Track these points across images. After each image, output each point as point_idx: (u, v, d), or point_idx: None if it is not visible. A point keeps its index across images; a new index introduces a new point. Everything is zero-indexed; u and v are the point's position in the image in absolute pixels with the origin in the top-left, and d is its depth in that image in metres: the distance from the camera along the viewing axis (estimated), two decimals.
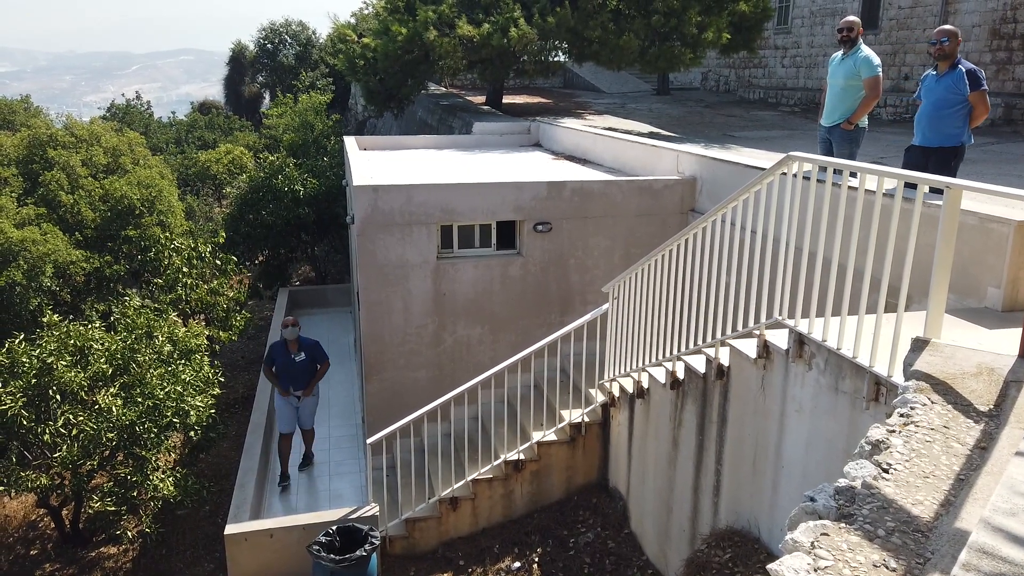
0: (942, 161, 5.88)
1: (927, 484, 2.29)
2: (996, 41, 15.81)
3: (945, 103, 5.86)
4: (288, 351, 8.68)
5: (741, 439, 5.10)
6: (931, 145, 5.97)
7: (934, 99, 5.94)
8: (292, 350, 8.68)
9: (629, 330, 6.86)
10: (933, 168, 5.83)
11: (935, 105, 5.92)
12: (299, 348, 8.70)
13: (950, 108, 5.85)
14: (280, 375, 8.71)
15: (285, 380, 8.72)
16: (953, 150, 5.91)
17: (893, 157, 11.09)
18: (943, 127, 5.89)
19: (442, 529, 7.64)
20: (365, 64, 16.13)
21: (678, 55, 14.98)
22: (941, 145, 5.92)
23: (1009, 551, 1.54)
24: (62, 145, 14.26)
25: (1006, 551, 1.54)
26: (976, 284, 4.80)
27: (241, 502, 7.76)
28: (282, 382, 8.72)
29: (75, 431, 7.98)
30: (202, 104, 37.27)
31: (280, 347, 8.76)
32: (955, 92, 5.80)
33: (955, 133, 5.88)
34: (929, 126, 5.97)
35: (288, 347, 8.68)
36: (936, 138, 5.94)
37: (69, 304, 12.70)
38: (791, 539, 2.11)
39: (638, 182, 9.12)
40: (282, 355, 8.70)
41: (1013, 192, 3.01)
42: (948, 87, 5.83)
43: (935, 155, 5.93)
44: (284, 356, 8.69)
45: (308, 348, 8.74)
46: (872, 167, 3.88)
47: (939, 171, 5.82)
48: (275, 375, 8.75)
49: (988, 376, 2.99)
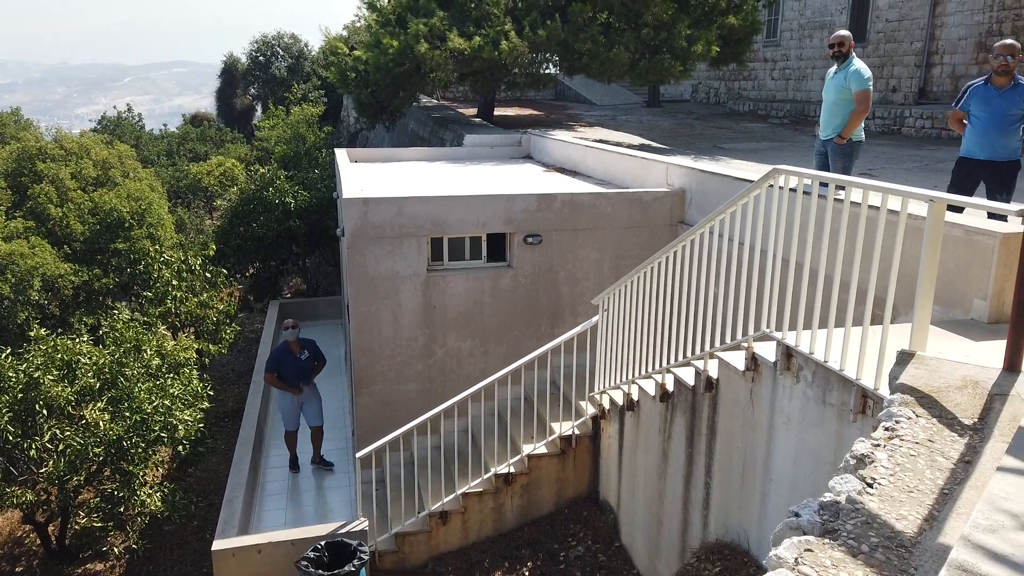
0: (1009, 174, 5.99)
1: (911, 499, 2.28)
2: (982, 54, 15.96)
3: (1011, 118, 5.94)
4: (292, 352, 9.01)
5: (730, 452, 5.09)
6: (997, 159, 6.03)
7: (1000, 113, 5.98)
8: (296, 351, 9.03)
9: (619, 342, 6.85)
10: (992, 181, 5.94)
11: (1001, 119, 5.98)
12: (301, 348, 9.07)
13: (1015, 123, 5.95)
14: (287, 377, 8.98)
15: (294, 380, 9.01)
16: (1016, 164, 6.03)
17: (881, 169, 11.15)
18: (1009, 141, 6.00)
19: (432, 543, 7.59)
20: (357, 76, 16.15)
21: (668, 68, 15.06)
22: (1008, 159, 6.02)
23: (989, 568, 1.53)
24: (51, 158, 14.21)
25: (986, 569, 1.53)
26: (962, 296, 4.81)
27: (229, 517, 7.69)
28: (291, 383, 8.99)
29: (62, 446, 7.91)
30: (194, 116, 37.27)
31: (284, 351, 9.03)
32: (1019, 107, 5.89)
33: (1017, 147, 6.00)
34: (996, 140, 6.01)
35: (292, 348, 9.01)
36: (1003, 152, 6.02)
37: (57, 318, 12.63)
38: (775, 555, 2.09)
39: (627, 194, 9.14)
40: (289, 357, 8.99)
41: (1003, 207, 3.03)
42: (1014, 102, 5.90)
43: (1000, 168, 6.02)
44: (290, 357, 8.99)
45: (308, 346, 9.16)
46: (856, 180, 3.89)
47: (1001, 184, 5.96)
48: (282, 378, 8.98)
49: (973, 389, 2.99)
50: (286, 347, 9.03)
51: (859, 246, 3.76)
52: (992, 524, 1.71)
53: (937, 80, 17.25)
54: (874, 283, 3.69)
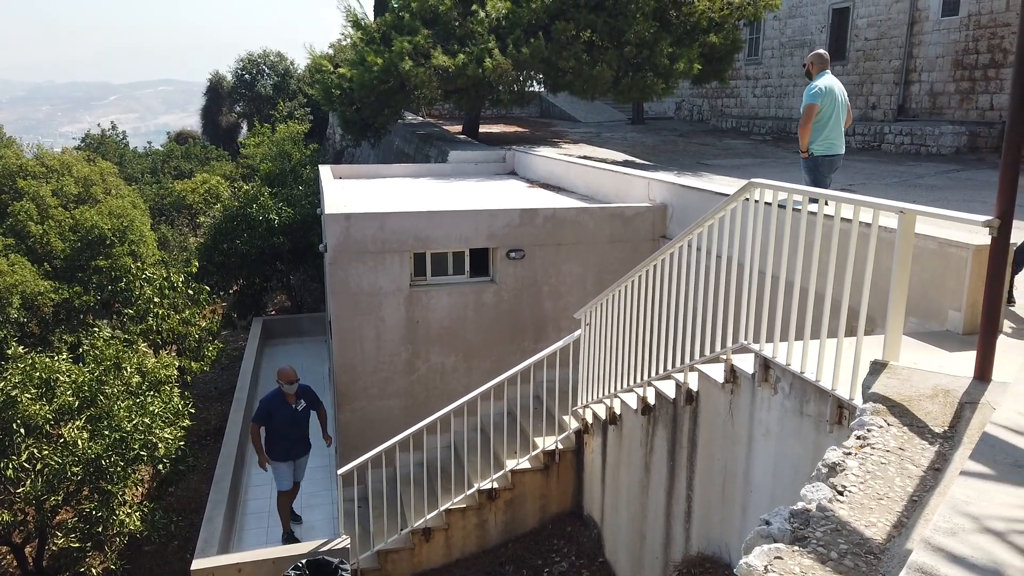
0: None
1: (881, 506, 2.30)
2: (959, 71, 16.24)
3: None
4: (287, 402, 7.88)
5: (710, 464, 5.10)
6: None
7: None
8: (291, 401, 7.91)
9: (601, 356, 6.86)
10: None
11: None
12: (297, 397, 7.94)
13: None
14: (277, 429, 7.86)
15: (283, 436, 7.89)
16: None
17: (861, 184, 11.27)
18: None
19: (415, 561, 7.52)
20: (341, 94, 16.20)
21: (650, 85, 15.21)
22: None
23: (947, 570, 1.54)
24: (32, 175, 14.14)
25: (944, 570, 1.54)
26: (937, 308, 4.86)
27: (209, 536, 7.59)
28: (280, 439, 7.88)
29: (39, 465, 7.80)
30: (179, 134, 37.21)
31: (276, 399, 7.87)
32: None
33: None
34: None
35: (287, 399, 7.89)
36: None
37: (37, 336, 12.50)
38: (745, 563, 2.10)
39: (610, 209, 9.20)
40: (281, 407, 7.85)
41: (964, 216, 3.08)
42: None
43: None
44: (283, 408, 7.85)
45: (305, 394, 8.02)
46: (827, 192, 3.94)
47: None
48: (264, 435, 7.89)
49: (944, 398, 3.02)
50: (280, 396, 7.84)
51: (832, 258, 3.80)
52: (952, 527, 1.73)
53: (916, 97, 17.51)
54: (848, 294, 3.72)
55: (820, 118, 6.87)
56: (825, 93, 6.87)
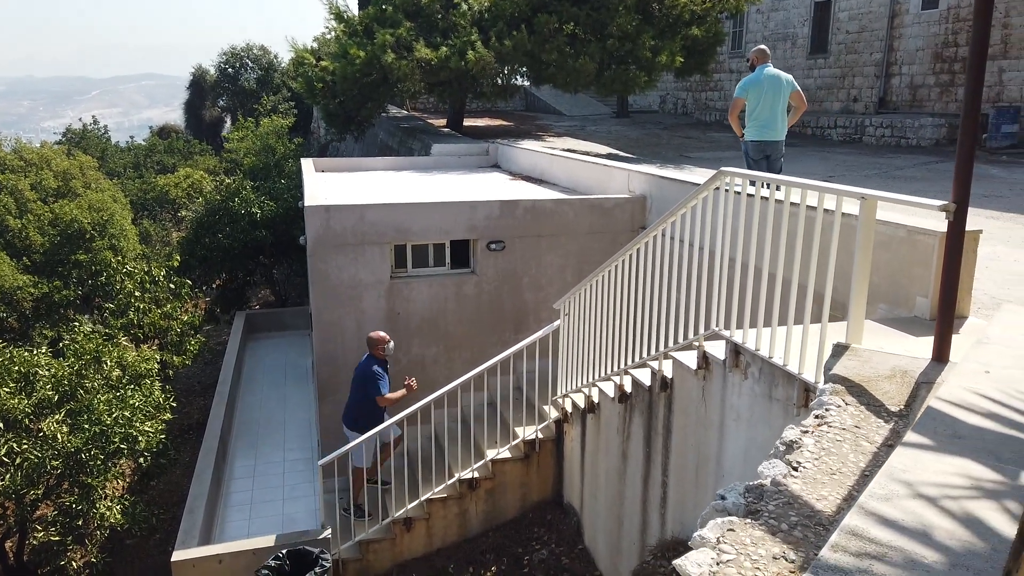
0: None
1: (833, 480, 2.36)
2: (939, 64, 16.40)
3: None
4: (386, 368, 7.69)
5: (685, 450, 5.16)
6: None
7: None
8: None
9: (580, 346, 6.92)
10: None
11: None
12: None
13: None
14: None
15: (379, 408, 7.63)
16: None
17: (840, 176, 11.39)
18: None
19: (396, 550, 7.56)
20: (324, 87, 16.15)
21: (633, 78, 15.26)
22: None
23: (877, 533, 1.59)
24: (10, 169, 14.02)
25: (875, 533, 1.59)
26: (905, 294, 4.93)
27: (190, 527, 7.60)
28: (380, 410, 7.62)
29: (19, 459, 7.76)
30: (161, 128, 36.87)
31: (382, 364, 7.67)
32: None
33: None
34: None
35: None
36: None
37: (16, 331, 12.42)
38: (698, 536, 2.15)
39: (590, 200, 9.24)
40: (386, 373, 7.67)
41: (921, 201, 3.14)
42: None
43: None
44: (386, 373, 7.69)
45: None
46: (792, 180, 4.00)
47: None
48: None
49: (901, 378, 3.09)
50: (383, 363, 7.61)
51: (798, 244, 3.86)
52: (887, 493, 1.78)
53: (896, 90, 17.67)
54: (813, 280, 3.78)
55: (750, 107, 7.58)
56: (749, 86, 7.57)
